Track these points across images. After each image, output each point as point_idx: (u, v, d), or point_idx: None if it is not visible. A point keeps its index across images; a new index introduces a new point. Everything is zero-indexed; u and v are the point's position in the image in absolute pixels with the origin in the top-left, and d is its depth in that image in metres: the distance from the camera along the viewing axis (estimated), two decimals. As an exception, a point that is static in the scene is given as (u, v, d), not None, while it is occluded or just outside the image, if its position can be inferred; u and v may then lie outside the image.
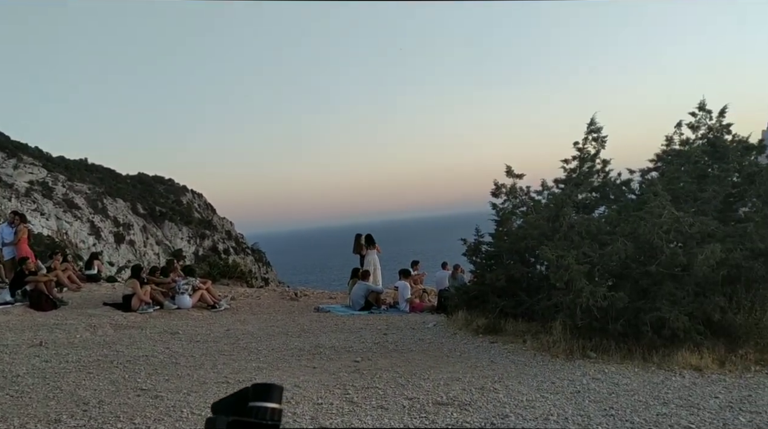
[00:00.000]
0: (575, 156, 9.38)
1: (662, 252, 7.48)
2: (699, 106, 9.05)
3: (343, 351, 8.20)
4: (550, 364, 7.18)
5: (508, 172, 9.40)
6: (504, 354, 7.78)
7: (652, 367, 6.97)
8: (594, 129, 9.36)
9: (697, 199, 8.38)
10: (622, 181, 9.50)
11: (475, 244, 10.07)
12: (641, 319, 7.27)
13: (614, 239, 7.77)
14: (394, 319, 10.93)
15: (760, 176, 8.55)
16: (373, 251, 14.35)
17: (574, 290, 7.37)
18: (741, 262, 7.45)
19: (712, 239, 7.46)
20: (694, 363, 6.93)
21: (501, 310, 8.96)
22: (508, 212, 9.78)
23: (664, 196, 7.60)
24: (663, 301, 7.29)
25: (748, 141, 9.17)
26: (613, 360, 7.26)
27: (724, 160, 8.95)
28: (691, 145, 9.13)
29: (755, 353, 7.18)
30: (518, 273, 9.11)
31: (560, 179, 9.37)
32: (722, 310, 7.32)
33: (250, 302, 13.50)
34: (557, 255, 7.58)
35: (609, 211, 9.02)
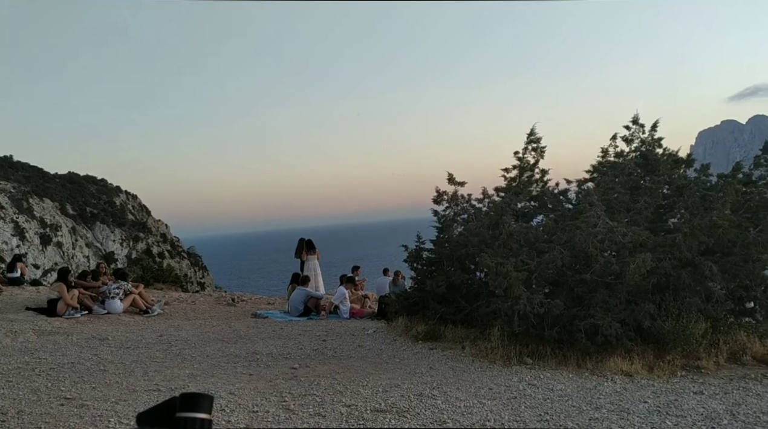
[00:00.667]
0: (515, 165, 9.55)
1: (596, 261, 7.68)
2: (633, 120, 9.38)
3: (281, 358, 8.05)
4: (488, 370, 7.24)
5: (449, 179, 9.47)
6: (443, 360, 7.80)
7: (585, 373, 7.12)
8: (533, 139, 9.56)
9: (630, 209, 8.66)
10: (559, 191, 9.73)
11: (416, 251, 10.09)
12: (576, 325, 7.43)
13: (551, 247, 7.93)
14: (333, 326, 10.83)
15: (688, 189, 8.91)
16: (313, 257, 14.21)
17: (512, 297, 7.48)
18: (670, 271, 7.72)
19: (643, 249, 7.71)
20: (625, 368, 7.14)
21: (441, 317, 9.00)
22: (449, 219, 9.85)
23: (599, 206, 7.81)
24: (597, 309, 7.47)
25: (677, 155, 9.55)
26: (549, 366, 7.39)
27: (656, 173, 9.28)
28: (625, 157, 9.44)
29: (681, 359, 7.46)
30: (458, 280, 9.18)
31: (501, 188, 9.52)
32: (652, 317, 7.56)
33: (184, 307, 13.10)
34: (496, 262, 7.67)
35: (547, 220, 9.21)
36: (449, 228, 9.81)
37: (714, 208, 8.36)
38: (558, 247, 7.91)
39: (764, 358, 7.66)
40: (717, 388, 6.59)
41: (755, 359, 7.66)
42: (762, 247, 8.29)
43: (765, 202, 8.95)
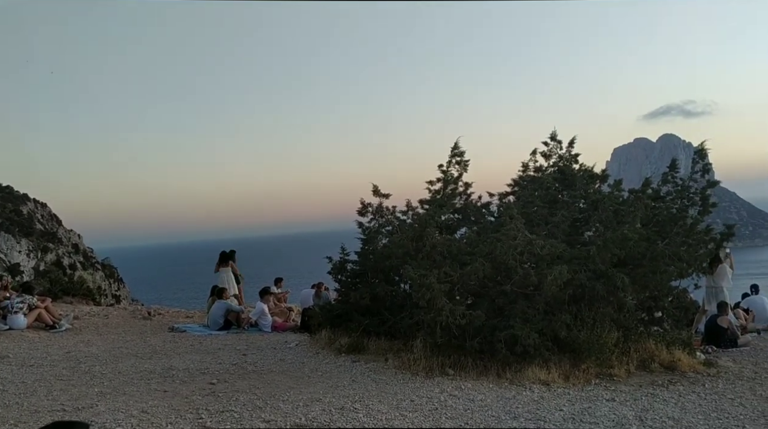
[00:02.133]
0: (439, 178, 9.67)
1: (516, 272, 7.85)
2: (551, 136, 9.71)
3: (198, 373, 7.76)
4: (411, 382, 7.25)
5: (374, 191, 9.49)
6: (366, 373, 7.75)
7: (505, 383, 7.25)
8: (457, 153, 9.71)
9: (548, 222, 8.91)
10: (482, 204, 9.92)
11: (341, 263, 10.02)
12: (496, 336, 7.56)
13: (473, 259, 8.05)
14: (254, 339, 10.55)
15: (602, 203, 9.29)
16: (227, 269, 13.90)
17: (435, 309, 7.52)
18: (585, 283, 7.99)
19: (560, 261, 7.94)
20: (543, 378, 7.31)
21: (364, 329, 8.95)
22: (374, 231, 9.86)
23: (519, 219, 8.01)
24: (516, 319, 7.64)
25: (593, 170, 9.95)
26: (470, 376, 7.47)
27: (573, 188, 9.64)
28: (544, 172, 9.74)
29: (596, 367, 7.72)
30: (382, 291, 9.17)
31: (425, 200, 9.60)
32: (568, 327, 7.79)
33: (96, 322, 12.45)
34: (420, 274, 7.71)
35: (469, 232, 9.36)
36: (374, 240, 9.81)
37: (625, 222, 8.73)
38: (480, 259, 8.04)
39: (671, 365, 8.05)
40: (627, 395, 6.85)
41: (662, 366, 8.03)
42: (669, 259, 8.73)
43: (672, 217, 9.44)
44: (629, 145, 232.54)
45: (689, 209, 9.83)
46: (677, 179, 10.01)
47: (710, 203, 9.95)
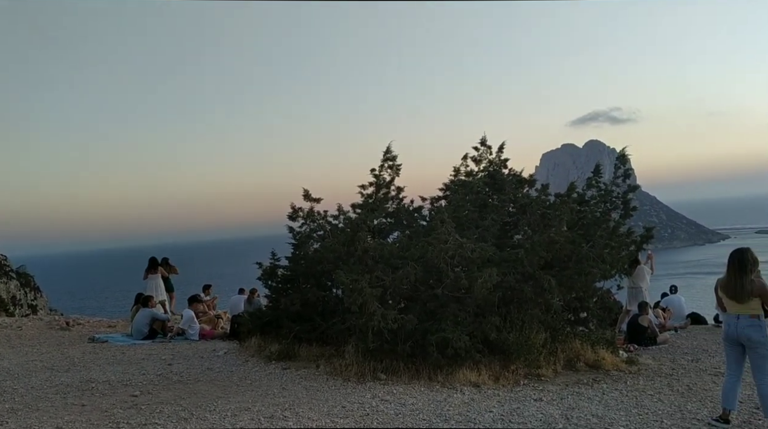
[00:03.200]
0: (372, 182, 9.66)
1: (447, 276, 7.91)
2: (481, 142, 9.87)
3: (120, 385, 7.41)
4: (342, 388, 7.17)
5: (305, 195, 9.38)
6: (297, 380, 7.62)
7: (436, 386, 7.27)
8: (390, 157, 9.73)
9: (478, 226, 9.04)
10: (414, 208, 9.96)
11: (271, 268, 9.83)
12: (428, 339, 7.59)
13: (405, 263, 8.07)
14: (181, 348, 10.20)
15: (530, 207, 9.51)
16: (156, 276, 13.43)
17: (367, 313, 7.48)
18: (514, 285, 8.14)
19: (490, 264, 8.06)
20: (474, 380, 7.39)
21: (296, 335, 8.82)
22: (305, 236, 9.73)
23: (450, 223, 8.08)
24: (447, 322, 7.69)
25: (521, 175, 10.17)
26: (402, 380, 7.46)
27: (502, 192, 9.82)
28: (475, 176, 9.88)
29: (524, 368, 7.86)
30: (314, 297, 9.06)
31: (357, 204, 9.57)
32: (498, 329, 7.92)
33: (8, 334, 11.74)
34: (352, 279, 7.65)
35: (401, 236, 9.38)
36: (305, 244, 9.69)
37: (552, 226, 8.96)
38: (411, 263, 8.07)
39: (595, 363, 8.29)
40: (554, 394, 7.00)
41: (588, 365, 8.27)
42: (593, 261, 9.01)
43: (596, 220, 9.77)
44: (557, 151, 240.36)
45: (612, 213, 10.20)
46: (601, 184, 10.37)
47: (631, 207, 10.38)
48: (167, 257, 14.80)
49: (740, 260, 5.64)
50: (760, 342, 5.59)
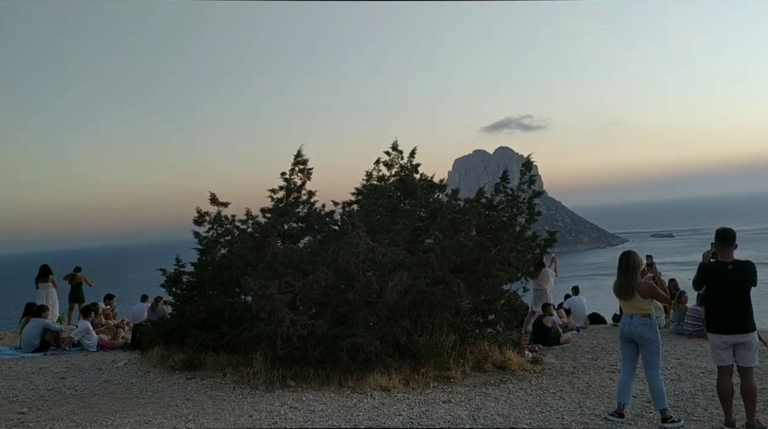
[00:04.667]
0: (282, 186, 9.48)
1: (359, 280, 7.88)
2: (393, 146, 9.91)
3: (5, 402, 6.90)
4: (250, 397, 6.99)
5: (212, 199, 9.08)
6: (202, 390, 7.35)
7: (347, 392, 7.22)
8: (301, 161, 9.60)
9: (390, 231, 9.07)
10: (325, 213, 9.86)
11: (176, 274, 9.45)
12: (339, 345, 7.53)
13: (316, 268, 7.97)
14: (77, 360, 9.60)
15: (441, 212, 9.63)
16: (48, 284, 12.67)
17: (276, 320, 7.33)
18: (424, 289, 8.21)
19: (401, 268, 8.10)
20: (384, 384, 7.39)
21: (201, 344, 8.51)
22: (212, 241, 9.42)
23: (361, 227, 8.06)
24: (358, 327, 7.66)
25: (432, 180, 10.30)
26: (312, 387, 7.37)
27: (413, 197, 9.90)
28: (386, 181, 9.91)
29: (434, 370, 7.95)
30: (221, 304, 8.78)
31: (267, 208, 9.36)
32: (408, 333, 7.96)
33: None
34: (260, 285, 7.48)
35: (312, 241, 9.26)
36: (212, 250, 9.37)
37: (462, 230, 9.13)
38: (323, 267, 7.99)
39: (502, 364, 8.51)
40: (462, 396, 7.11)
41: (495, 366, 8.47)
42: (501, 264, 9.25)
43: (503, 225, 10.03)
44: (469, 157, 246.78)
45: (518, 217, 10.51)
46: (508, 189, 10.66)
47: (536, 212, 10.73)
48: (80, 267, 14.11)
49: (627, 262, 5.97)
50: (651, 340, 5.91)
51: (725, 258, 5.68)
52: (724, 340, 5.66)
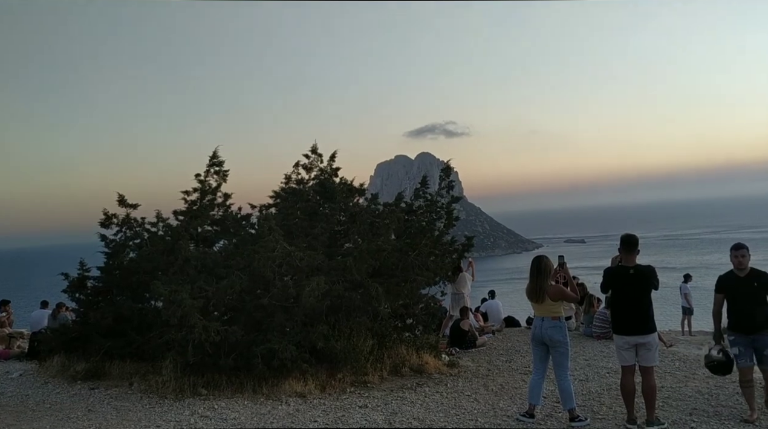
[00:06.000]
0: (196, 188, 9.16)
1: (275, 285, 7.72)
2: (312, 149, 9.79)
3: None
4: (158, 406, 6.71)
5: (120, 201, 8.65)
6: (106, 400, 6.99)
7: (261, 398, 7.06)
8: (216, 162, 9.32)
9: (308, 234, 8.96)
10: (241, 216, 9.61)
11: (80, 279, 8.93)
12: (253, 351, 7.35)
13: (230, 273, 7.76)
14: (-35, 373, 8.91)
15: (360, 216, 9.61)
16: None
17: (187, 326, 7.07)
18: (342, 293, 8.15)
19: (319, 272, 8.00)
20: (299, 390, 7.27)
21: (106, 352, 8.08)
22: (120, 244, 8.97)
23: (278, 231, 7.90)
24: (274, 333, 7.51)
25: (352, 184, 10.25)
26: (224, 395, 7.16)
27: (333, 200, 9.82)
28: (305, 184, 9.78)
29: (351, 376, 7.90)
30: (129, 310, 8.37)
31: (180, 211, 9.01)
32: (326, 338, 7.87)
33: None
34: (171, 290, 7.18)
35: (227, 244, 9.01)
36: (120, 254, 8.93)
37: (381, 234, 9.13)
38: (237, 272, 7.78)
39: (419, 368, 8.55)
40: (379, 400, 7.09)
41: (412, 370, 8.50)
42: (419, 269, 9.32)
43: (422, 229, 10.12)
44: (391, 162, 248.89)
45: (437, 222, 10.63)
46: (427, 195, 10.77)
47: (454, 217, 10.90)
48: None
49: (538, 266, 6.15)
50: (560, 341, 6.09)
51: (628, 263, 5.93)
52: (627, 341, 5.91)
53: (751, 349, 6.01)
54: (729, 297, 6.12)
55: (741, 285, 6.04)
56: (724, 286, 6.16)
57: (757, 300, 5.97)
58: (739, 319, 6.06)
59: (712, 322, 6.40)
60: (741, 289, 6.03)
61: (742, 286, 6.02)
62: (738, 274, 6.08)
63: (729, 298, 6.13)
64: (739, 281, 6.06)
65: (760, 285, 5.98)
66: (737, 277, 6.08)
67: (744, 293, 6.01)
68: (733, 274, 6.13)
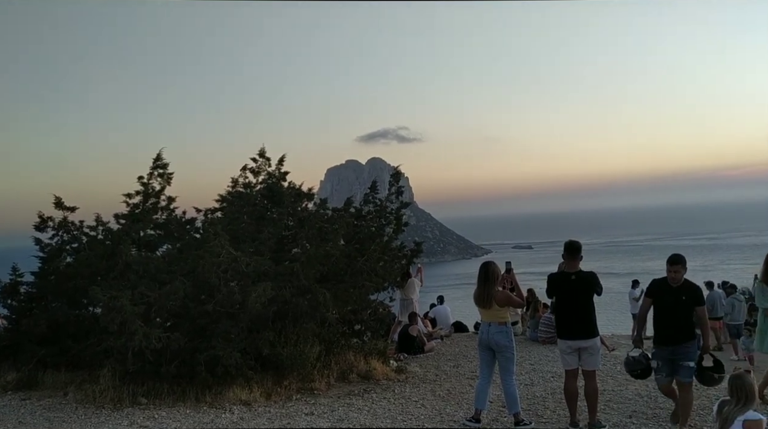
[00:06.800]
0: (139, 191, 8.89)
1: (220, 291, 7.56)
2: (260, 153, 9.65)
3: None
4: (94, 417, 6.48)
5: (57, 204, 8.31)
6: (38, 411, 6.70)
7: (204, 407, 6.90)
8: (160, 165, 9.07)
9: (255, 239, 8.80)
10: (186, 220, 9.39)
11: (11, 285, 8.53)
12: (197, 358, 7.18)
13: (174, 278, 7.56)
14: None
15: (308, 221, 9.51)
16: None
17: (127, 333, 6.84)
18: (289, 299, 8.03)
19: (266, 278, 7.87)
20: (244, 398, 7.13)
21: (39, 361, 7.73)
22: (56, 249, 8.61)
23: (224, 236, 7.74)
24: (218, 340, 7.35)
25: (301, 189, 10.15)
26: (166, 404, 6.97)
27: (281, 205, 9.69)
28: (252, 188, 9.63)
29: (298, 382, 7.80)
30: (64, 317, 8.04)
31: (121, 214, 8.72)
32: (272, 344, 7.76)
33: None
34: (110, 295, 6.94)
35: (171, 249, 8.78)
36: (56, 258, 8.57)
37: (329, 240, 9.06)
38: (181, 277, 7.59)
39: (367, 374, 8.51)
40: (326, 407, 7.02)
41: (360, 376, 8.45)
42: (368, 274, 9.29)
43: (371, 235, 10.10)
44: (342, 166, 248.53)
45: (386, 228, 10.63)
46: (377, 200, 10.76)
47: (403, 223, 10.92)
48: None
49: (486, 272, 6.19)
50: (506, 346, 6.16)
51: (571, 269, 6.05)
52: (569, 345, 6.01)
53: (670, 363, 5.78)
54: (656, 305, 5.92)
55: (670, 295, 5.79)
56: (654, 291, 5.97)
57: (683, 313, 5.76)
58: (662, 331, 5.86)
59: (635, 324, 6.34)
60: (669, 299, 5.79)
61: (671, 297, 5.78)
62: (671, 284, 5.83)
63: (656, 306, 5.92)
64: (669, 291, 5.81)
65: (688, 299, 5.75)
66: (669, 286, 5.83)
67: (671, 304, 5.78)
68: (665, 281, 5.88)
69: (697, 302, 5.79)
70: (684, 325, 5.77)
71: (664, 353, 5.82)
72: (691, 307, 5.75)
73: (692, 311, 5.77)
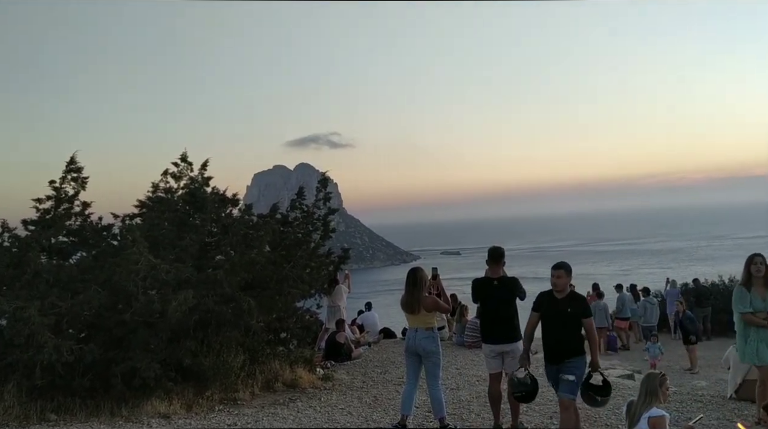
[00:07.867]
0: (50, 196, 8.40)
1: (138, 299, 7.25)
2: (181, 157, 9.34)
3: None
4: (-2, 437, 6.03)
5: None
6: (-67, 434, 6.17)
7: (120, 421, 6.59)
8: (74, 168, 8.60)
9: (176, 246, 8.50)
10: (102, 226, 8.96)
11: None
12: (112, 371, 6.86)
13: (88, 287, 7.19)
14: None
15: (233, 227, 9.28)
16: None
17: (35, 346, 6.44)
18: (212, 307, 7.80)
19: (188, 285, 7.61)
20: (163, 410, 6.87)
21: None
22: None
23: (142, 242, 7.43)
24: (136, 350, 7.05)
25: (225, 194, 9.90)
26: (78, 419, 6.61)
27: (204, 211, 9.41)
28: (174, 193, 9.32)
29: (220, 393, 7.59)
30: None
31: (30, 220, 8.22)
32: (193, 354, 7.52)
33: None
34: (16, 306, 6.52)
35: (86, 257, 8.36)
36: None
37: (254, 246, 8.88)
38: (95, 286, 7.23)
39: (293, 383, 8.40)
40: (250, 417, 6.86)
41: (285, 385, 8.33)
42: (294, 281, 9.16)
43: (298, 241, 9.98)
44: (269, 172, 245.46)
45: (313, 234, 10.54)
46: (304, 206, 10.65)
47: (331, 229, 10.86)
48: None
49: (414, 278, 6.22)
50: (433, 351, 6.20)
51: (494, 274, 6.16)
52: (493, 349, 6.12)
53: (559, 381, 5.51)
54: (543, 319, 5.58)
55: (555, 307, 5.48)
56: (539, 304, 5.61)
57: (570, 327, 5.44)
58: (548, 346, 5.58)
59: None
60: (553, 312, 5.48)
61: (555, 309, 5.47)
62: (556, 295, 5.51)
63: (543, 320, 5.58)
64: (554, 303, 5.50)
65: (574, 311, 5.42)
66: (554, 298, 5.52)
67: (556, 317, 5.46)
68: (551, 294, 5.55)
69: (583, 314, 5.45)
70: (570, 339, 5.45)
71: (552, 371, 5.57)
72: (577, 319, 5.43)
73: (579, 324, 5.45)
